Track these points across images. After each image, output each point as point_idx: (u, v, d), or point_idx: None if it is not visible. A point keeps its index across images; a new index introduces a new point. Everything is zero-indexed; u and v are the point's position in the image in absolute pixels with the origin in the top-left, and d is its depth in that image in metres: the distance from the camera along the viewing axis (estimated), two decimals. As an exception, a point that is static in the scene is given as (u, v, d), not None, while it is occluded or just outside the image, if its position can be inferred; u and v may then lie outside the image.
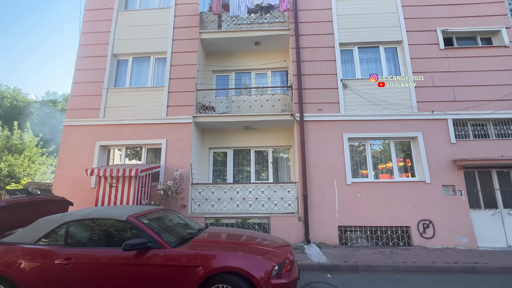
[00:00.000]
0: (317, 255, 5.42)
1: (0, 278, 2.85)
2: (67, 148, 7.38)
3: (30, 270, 2.85)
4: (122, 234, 3.22)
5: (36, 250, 2.96)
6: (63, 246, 3.01)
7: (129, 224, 3.18)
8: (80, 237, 3.17)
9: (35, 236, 3.10)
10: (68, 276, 2.84)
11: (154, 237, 3.01)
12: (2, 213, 3.49)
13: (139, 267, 2.84)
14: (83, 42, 8.14)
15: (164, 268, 2.81)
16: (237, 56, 8.72)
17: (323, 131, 7.00)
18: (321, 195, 6.61)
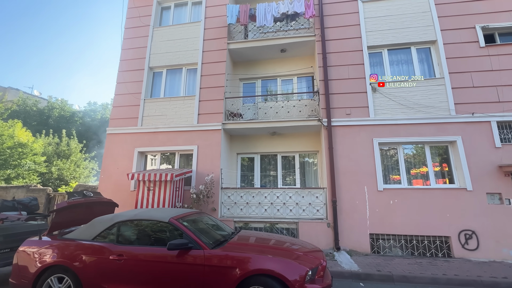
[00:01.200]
0: (348, 262, 5.33)
1: (65, 270, 3.28)
2: (110, 154, 8.11)
3: (89, 263, 3.24)
4: (164, 234, 3.50)
5: (93, 246, 3.35)
6: (116, 243, 3.38)
7: (171, 225, 3.46)
8: (129, 235, 3.52)
9: (92, 234, 3.51)
10: (120, 270, 3.17)
11: (194, 239, 3.24)
12: (63, 213, 3.99)
13: (182, 265, 3.08)
14: (123, 58, 8.95)
15: (204, 268, 3.02)
16: (263, 63, 8.95)
17: (352, 136, 6.89)
18: (351, 201, 6.48)
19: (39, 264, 3.32)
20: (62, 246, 3.40)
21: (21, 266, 3.43)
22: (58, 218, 3.93)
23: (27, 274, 3.34)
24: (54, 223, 3.85)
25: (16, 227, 4.47)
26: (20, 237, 4.36)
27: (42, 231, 4.61)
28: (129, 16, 9.32)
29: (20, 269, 3.43)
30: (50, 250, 3.40)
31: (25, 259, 3.43)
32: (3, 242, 4.26)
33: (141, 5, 9.32)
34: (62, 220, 4.03)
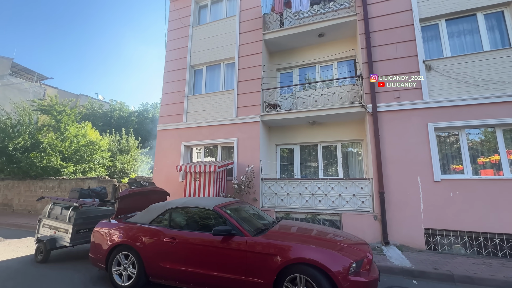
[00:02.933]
0: (399, 258, 4.95)
1: (129, 248, 3.79)
2: (161, 148, 8.93)
3: (148, 244, 3.68)
4: (209, 221, 3.75)
5: (151, 229, 3.79)
6: (168, 227, 3.75)
7: (215, 213, 3.69)
8: (179, 221, 3.87)
9: (149, 219, 3.97)
10: (173, 251, 3.53)
11: (236, 226, 3.40)
12: (125, 200, 4.59)
13: (226, 250, 3.28)
14: (168, 59, 9.64)
15: (246, 254, 3.16)
16: (300, 51, 8.66)
17: (402, 122, 6.25)
18: (402, 193, 5.95)
19: (109, 243, 3.90)
20: (126, 228, 3.93)
21: (96, 243, 4.08)
22: (121, 204, 4.53)
23: (101, 251, 3.97)
24: (119, 209, 4.46)
25: (92, 211, 5.32)
26: (95, 220, 5.17)
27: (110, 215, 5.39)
28: (171, 19, 9.93)
29: (96, 246, 4.08)
30: (117, 231, 3.96)
31: (99, 238, 4.06)
32: (83, 224, 5.11)
33: (180, 6, 9.83)
34: (124, 206, 4.63)
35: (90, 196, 5.72)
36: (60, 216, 5.22)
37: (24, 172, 11.94)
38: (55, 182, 11.45)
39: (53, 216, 5.34)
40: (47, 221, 5.36)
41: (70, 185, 11.00)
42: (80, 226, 5.05)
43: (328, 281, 2.81)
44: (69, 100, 14.95)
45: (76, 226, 4.99)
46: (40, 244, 5.06)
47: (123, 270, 3.78)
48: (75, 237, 4.99)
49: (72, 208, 5.16)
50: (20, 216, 10.66)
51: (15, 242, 6.56)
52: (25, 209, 11.74)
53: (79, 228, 5.05)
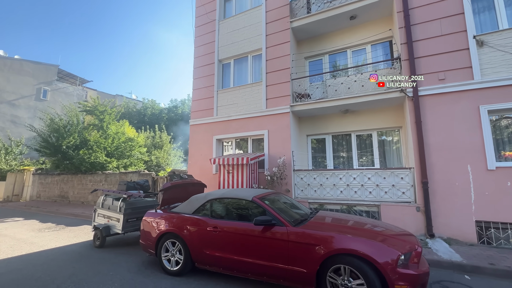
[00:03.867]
0: (447, 251, 4.65)
1: (176, 236, 4.07)
2: (194, 142, 9.31)
3: (192, 232, 3.91)
4: (248, 211, 3.86)
5: (194, 219, 4.02)
6: (210, 217, 3.95)
7: (253, 203, 3.78)
8: (220, 211, 4.04)
9: (191, 209, 4.20)
10: (216, 239, 3.71)
11: (276, 216, 3.46)
12: (168, 192, 4.91)
13: (267, 239, 3.36)
14: (196, 55, 9.88)
15: (288, 244, 3.20)
16: (329, 36, 8.29)
17: (448, 106, 5.73)
18: (448, 182, 5.52)
19: (158, 231, 4.22)
20: (172, 218, 4.21)
21: (146, 231, 4.44)
22: (165, 196, 4.86)
23: (150, 238, 4.32)
24: (163, 200, 4.79)
25: (138, 202, 5.79)
26: (141, 210, 5.63)
27: (154, 206, 5.81)
28: (198, 15, 10.10)
29: (145, 234, 4.45)
30: (164, 220, 4.27)
31: (148, 226, 4.42)
32: (132, 213, 5.59)
33: (206, 1, 9.93)
34: (167, 197, 4.95)
35: (135, 188, 6.21)
36: (112, 207, 5.76)
37: (76, 168, 13.32)
38: (102, 176, 12.61)
39: (105, 206, 5.92)
40: (101, 211, 5.96)
41: (115, 178, 12.03)
42: (129, 216, 5.53)
43: (375, 272, 2.75)
44: (109, 101, 16.17)
45: (126, 216, 5.48)
46: (97, 231, 5.65)
47: (171, 256, 4.08)
48: (126, 225, 5.48)
49: (121, 199, 5.66)
50: (75, 206, 11.98)
51: (75, 229, 7.41)
52: (79, 200, 13.15)
53: (129, 217, 5.53)
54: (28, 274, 4.04)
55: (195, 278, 3.87)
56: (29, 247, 5.55)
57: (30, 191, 15.45)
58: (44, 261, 4.68)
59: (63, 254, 5.11)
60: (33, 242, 5.97)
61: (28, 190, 15.58)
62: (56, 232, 7.00)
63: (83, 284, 3.67)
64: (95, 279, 3.84)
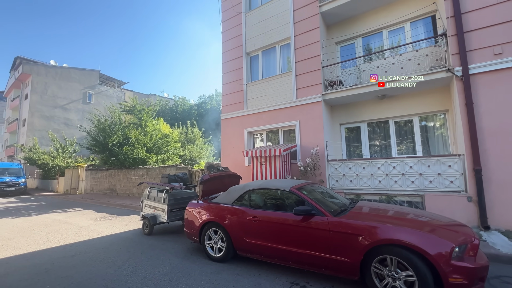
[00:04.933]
0: (506, 245, 4.23)
1: (217, 225, 4.30)
2: (226, 136, 9.57)
3: (233, 221, 4.10)
4: (286, 201, 3.92)
5: (234, 209, 4.20)
6: (249, 207, 4.09)
7: (291, 193, 3.82)
8: (258, 201, 4.16)
9: (231, 199, 4.39)
10: (256, 228, 3.85)
11: (316, 206, 3.46)
12: (207, 183, 5.17)
13: (307, 229, 3.39)
14: (224, 49, 10.02)
15: (330, 233, 3.20)
16: (362, 17, 7.79)
17: (505, 83, 5.09)
18: (506, 170, 4.97)
19: (200, 220, 4.50)
20: (213, 208, 4.45)
21: (189, 220, 4.76)
22: (205, 187, 5.12)
23: (194, 227, 4.62)
24: (203, 191, 5.06)
25: (179, 193, 6.19)
26: (182, 201, 6.02)
27: (195, 197, 6.16)
28: (224, 9, 10.18)
29: (189, 223, 4.77)
30: (205, 210, 4.53)
31: (191, 216, 4.72)
32: (174, 204, 6.01)
33: (232, -5, 9.94)
34: (207, 189, 5.22)
35: (176, 181, 6.63)
36: (156, 198, 6.25)
37: (121, 163, 14.60)
38: (144, 170, 13.67)
39: (151, 198, 6.44)
40: (148, 202, 6.50)
41: (155, 172, 12.96)
42: (172, 206, 5.96)
43: (426, 264, 2.63)
44: (145, 100, 17.27)
45: (170, 206, 5.90)
46: (145, 220, 6.20)
47: (214, 244, 4.33)
48: (170, 215, 5.92)
49: (165, 191, 6.11)
50: (122, 198, 13.22)
51: (125, 219, 8.21)
52: (125, 192, 14.46)
53: (172, 207, 5.96)
54: (94, 257, 4.62)
55: (237, 264, 4.07)
56: (91, 234, 6.30)
57: (84, 185, 17.39)
58: (104, 245, 5.30)
59: (119, 240, 5.72)
60: (93, 229, 6.77)
61: (83, 184, 17.54)
62: (110, 221, 7.83)
63: (139, 267, 4.09)
64: (148, 263, 4.25)
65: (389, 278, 2.82)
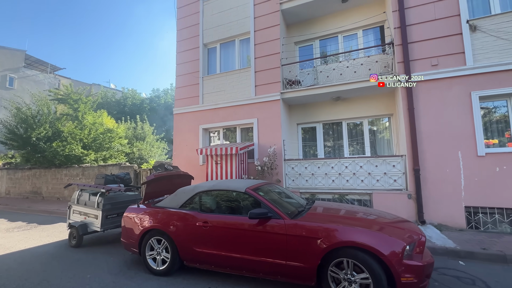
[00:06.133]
0: (440, 238, 4.65)
1: (161, 233, 3.70)
2: (179, 132, 8.78)
3: (180, 228, 3.56)
4: (241, 203, 3.57)
5: (181, 213, 3.66)
6: (200, 211, 3.61)
7: (247, 195, 3.48)
8: (210, 204, 3.71)
9: (178, 203, 3.84)
10: (207, 235, 3.40)
11: (272, 208, 3.19)
12: (152, 185, 4.48)
13: (263, 233, 3.09)
14: (179, 38, 9.20)
15: (286, 237, 2.96)
16: (320, 20, 7.96)
17: (440, 92, 5.67)
18: (439, 169, 5.52)
19: (141, 228, 3.83)
20: (157, 213, 3.83)
21: (128, 228, 4.03)
22: (148, 189, 4.43)
23: (133, 235, 3.92)
24: (146, 193, 4.36)
25: (118, 196, 5.31)
26: (122, 205, 5.17)
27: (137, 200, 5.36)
28: (180, -5, 9.35)
29: (127, 231, 4.04)
30: (147, 216, 3.87)
31: (130, 223, 4.01)
32: (111, 209, 5.12)
33: (189, -20, 9.19)
34: (151, 191, 4.53)
35: (115, 182, 5.70)
36: (88, 202, 5.25)
37: (49, 161, 12.31)
38: (79, 169, 11.76)
39: (82, 202, 5.39)
40: (77, 207, 5.42)
41: (93, 172, 11.26)
42: (108, 212, 5.06)
43: (380, 265, 2.57)
44: (84, 89, 14.99)
45: (105, 212, 5.00)
46: (73, 230, 5.14)
47: (156, 255, 3.72)
48: (105, 222, 5.01)
49: (99, 194, 5.16)
50: (49, 203, 11.13)
51: (48, 228, 6.80)
52: (54, 196, 12.25)
53: (108, 213, 5.06)
54: (-10, 282, 3.54)
55: (184, 277, 3.56)
56: (-6, 250, 4.95)
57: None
58: (10, 265, 4.16)
59: (33, 256, 4.59)
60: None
61: (-4, 186, 14.33)
62: (26, 232, 6.37)
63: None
64: (69, 284, 3.42)
65: (345, 281, 2.70)
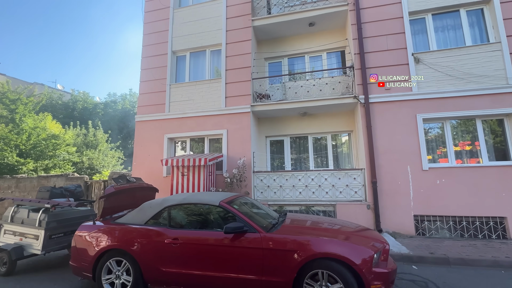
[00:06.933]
0: (395, 245, 5.09)
1: (122, 253, 3.31)
2: (140, 141, 8.18)
3: (145, 247, 3.23)
4: (215, 217, 3.43)
5: (147, 230, 3.34)
6: (169, 227, 3.34)
7: (221, 208, 3.36)
8: (180, 219, 3.47)
9: (144, 218, 3.50)
10: (176, 253, 3.14)
11: (248, 222, 3.12)
12: (112, 198, 4.03)
13: (239, 249, 2.99)
14: (146, 43, 8.78)
15: (263, 251, 2.90)
16: (289, 40, 8.43)
17: (392, 113, 6.41)
18: (393, 182, 6.14)
19: (97, 248, 3.37)
20: (117, 231, 3.43)
21: (79, 249, 3.51)
22: (107, 204, 3.98)
23: (86, 258, 3.42)
24: (104, 208, 3.90)
25: (66, 213, 4.62)
26: (71, 222, 4.52)
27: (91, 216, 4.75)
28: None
29: (79, 253, 3.51)
30: (106, 234, 3.44)
31: (83, 243, 3.50)
32: (57, 227, 4.42)
33: (159, -14, 8.96)
34: (110, 205, 4.07)
35: (63, 196, 4.97)
36: (27, 220, 4.45)
37: (-30, 171, 10.23)
38: (12, 181, 9.99)
39: (17, 220, 4.54)
40: (10, 227, 4.55)
41: (31, 184, 9.67)
42: (53, 231, 4.36)
43: (353, 274, 2.69)
44: (25, 88, 13.10)
45: (49, 231, 4.29)
46: (3, 254, 4.27)
47: (115, 279, 3.30)
48: (48, 243, 4.29)
49: (42, 210, 4.42)
50: (-33, 221, 9.12)
51: (-35, 253, 5.52)
52: (-26, 213, 10.09)
53: (53, 233, 4.35)
54: None
55: (148, 302, 3.20)
56: None
57: None
58: None
59: None
60: None
61: None
62: None
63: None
64: (-2, 323, 2.79)
65: (320, 293, 2.74)
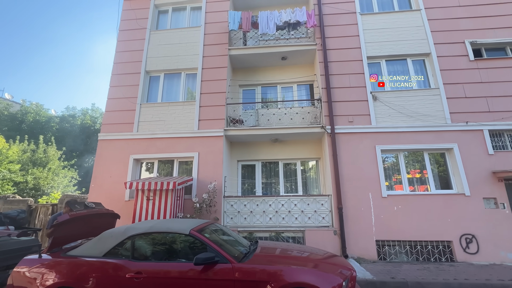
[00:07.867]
0: (360, 270, 5.27)
1: (73, 292, 2.89)
2: (102, 161, 7.58)
3: (102, 284, 2.88)
4: (182, 248, 3.25)
5: (106, 264, 3.00)
6: (131, 259, 3.06)
7: (191, 237, 3.21)
8: (146, 250, 3.21)
9: (102, 250, 3.16)
10: (139, 290, 2.86)
11: (220, 252, 3.02)
12: (65, 227, 3.58)
13: (209, 281, 2.84)
14: (117, 60, 8.55)
15: (234, 283, 2.80)
16: (263, 70, 8.94)
17: (355, 143, 6.99)
18: (357, 208, 6.51)
19: (42, 287, 2.91)
20: (69, 265, 3.02)
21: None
22: (57, 233, 3.51)
23: (26, 299, 2.92)
24: (54, 239, 3.43)
25: (5, 244, 3.94)
26: (10, 255, 3.87)
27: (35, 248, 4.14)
28: (124, 18, 8.98)
29: (17, 293, 2.98)
30: (54, 269, 3.00)
31: (23, 281, 2.99)
32: (-11, 262, 3.73)
33: (137, 7, 9.04)
34: (62, 235, 3.61)
35: (1, 223, 4.27)
36: None
37: None
38: None
39: None
40: None
41: (-45, 208, 8.12)
42: (-17, 267, 3.67)
43: (323, 304, 2.71)
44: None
45: (-23, 267, 3.60)
46: None
47: (61, 324, 2.84)
48: (-26, 282, 3.58)
49: (-29, 241, 3.73)
50: None
51: None
52: None
53: (-18, 269, 3.66)
54: None
55: None
56: None
57: None
58: None
59: None
60: None
61: None
62: None
63: None
64: None
65: (292, 326, 2.69)
